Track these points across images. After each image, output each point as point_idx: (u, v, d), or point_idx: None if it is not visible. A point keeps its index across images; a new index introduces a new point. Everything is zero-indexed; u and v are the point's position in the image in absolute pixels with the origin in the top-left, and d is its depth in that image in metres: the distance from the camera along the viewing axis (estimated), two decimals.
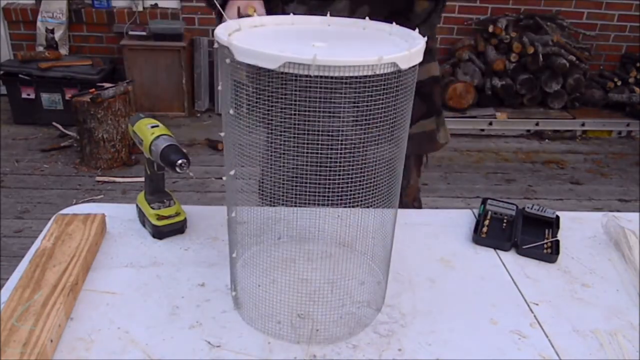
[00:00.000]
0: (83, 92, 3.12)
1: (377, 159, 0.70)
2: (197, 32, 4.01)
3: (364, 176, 0.71)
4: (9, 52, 4.06)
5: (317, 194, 0.74)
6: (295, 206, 0.81)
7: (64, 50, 3.93)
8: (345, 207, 0.75)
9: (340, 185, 0.72)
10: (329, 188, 0.73)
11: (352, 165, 0.71)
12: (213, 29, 0.99)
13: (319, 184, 0.73)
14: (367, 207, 0.73)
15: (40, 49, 3.88)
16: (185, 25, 3.88)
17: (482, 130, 3.92)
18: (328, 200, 0.75)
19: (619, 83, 4.16)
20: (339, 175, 0.72)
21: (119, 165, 3.24)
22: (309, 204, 0.76)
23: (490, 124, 3.90)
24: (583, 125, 4.00)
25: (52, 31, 3.84)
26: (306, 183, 0.74)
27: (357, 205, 0.72)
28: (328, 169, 0.72)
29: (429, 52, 1.05)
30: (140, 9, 4.01)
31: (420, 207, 1.29)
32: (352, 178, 0.71)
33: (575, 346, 0.78)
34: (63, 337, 0.74)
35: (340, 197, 0.72)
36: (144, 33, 3.79)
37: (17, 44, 4.05)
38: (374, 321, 0.80)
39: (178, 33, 3.78)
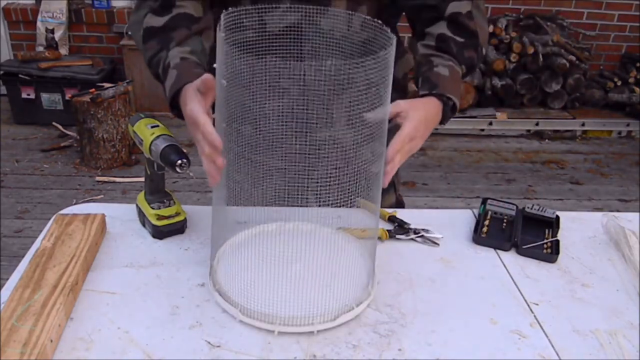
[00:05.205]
0: (83, 92, 3.11)
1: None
2: None
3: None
4: (9, 52, 4.06)
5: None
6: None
7: (64, 50, 3.93)
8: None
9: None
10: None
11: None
12: None
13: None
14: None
15: (40, 49, 3.87)
16: None
17: (482, 130, 3.91)
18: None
19: (619, 83, 4.15)
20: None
21: (119, 165, 3.24)
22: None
23: (490, 124, 3.90)
24: (583, 125, 3.99)
25: (52, 31, 3.84)
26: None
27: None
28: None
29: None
30: None
31: None
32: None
33: (575, 346, 0.78)
34: (63, 337, 0.74)
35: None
36: None
37: (17, 44, 4.05)
38: (374, 321, 0.80)
39: None
